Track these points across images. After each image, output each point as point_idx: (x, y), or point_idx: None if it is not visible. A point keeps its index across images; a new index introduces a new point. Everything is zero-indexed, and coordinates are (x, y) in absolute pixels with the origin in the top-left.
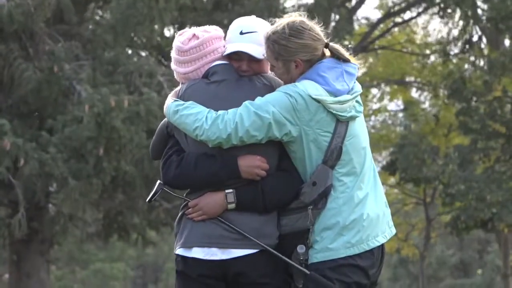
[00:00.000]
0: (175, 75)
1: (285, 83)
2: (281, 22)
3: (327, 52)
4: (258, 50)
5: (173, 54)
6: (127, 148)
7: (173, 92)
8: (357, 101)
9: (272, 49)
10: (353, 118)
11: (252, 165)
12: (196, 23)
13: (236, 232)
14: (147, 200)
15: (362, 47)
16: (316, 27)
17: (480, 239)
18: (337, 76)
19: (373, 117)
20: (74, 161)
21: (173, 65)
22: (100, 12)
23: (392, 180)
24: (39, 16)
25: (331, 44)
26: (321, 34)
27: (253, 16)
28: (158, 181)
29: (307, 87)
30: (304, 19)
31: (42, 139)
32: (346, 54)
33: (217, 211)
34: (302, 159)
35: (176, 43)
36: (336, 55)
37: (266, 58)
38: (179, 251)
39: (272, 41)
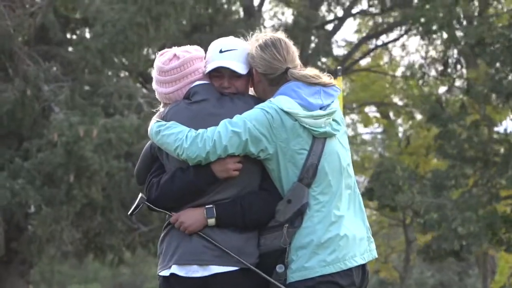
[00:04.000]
0: (156, 94)
1: (258, 94)
2: (264, 33)
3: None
4: (238, 65)
5: (154, 73)
6: (97, 176)
7: (157, 114)
8: (335, 120)
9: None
10: (327, 134)
11: (224, 163)
12: (176, 44)
13: (217, 249)
14: (128, 213)
15: (342, 70)
16: (283, 49)
17: (460, 262)
18: (313, 93)
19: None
20: (47, 187)
21: (154, 85)
22: (77, 33)
23: (371, 203)
24: (19, 37)
25: (291, 70)
26: (287, 56)
27: (232, 37)
28: (140, 194)
29: (280, 101)
30: (281, 37)
31: (15, 165)
32: (314, 80)
33: (197, 226)
34: (279, 177)
35: (157, 63)
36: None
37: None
38: (162, 271)
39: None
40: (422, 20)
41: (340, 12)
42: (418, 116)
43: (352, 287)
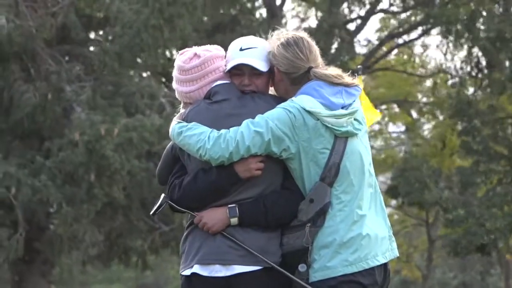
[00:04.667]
0: (176, 94)
1: (279, 93)
2: (285, 31)
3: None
4: (259, 63)
5: (174, 73)
6: (118, 175)
7: (178, 115)
8: (356, 119)
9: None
10: (349, 133)
11: (247, 163)
12: (197, 44)
13: (241, 248)
14: (151, 213)
15: (364, 68)
16: (306, 49)
17: (483, 262)
18: (335, 92)
19: (372, 140)
20: (68, 186)
21: (174, 84)
22: (100, 33)
23: (394, 201)
24: (40, 37)
25: (314, 69)
26: (309, 55)
27: (252, 36)
28: (163, 195)
29: (302, 100)
30: (304, 36)
31: (36, 164)
32: (336, 80)
33: (220, 226)
34: (301, 176)
35: (177, 62)
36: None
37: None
38: (184, 271)
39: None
40: (444, 19)
41: (361, 11)
42: (441, 117)
43: (374, 286)
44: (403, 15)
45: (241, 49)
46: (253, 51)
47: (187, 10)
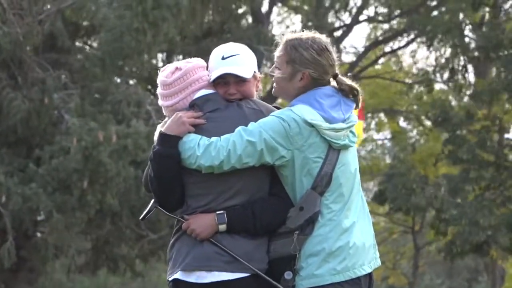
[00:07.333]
0: (163, 111)
1: (281, 88)
2: (307, 34)
3: (333, 82)
4: (243, 70)
5: (158, 90)
6: (113, 182)
7: (162, 123)
8: (351, 131)
9: (288, 52)
10: (346, 147)
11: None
12: (184, 51)
13: (227, 255)
14: (140, 218)
15: (351, 77)
16: (334, 55)
17: (470, 268)
18: (334, 104)
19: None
20: (59, 193)
21: (160, 101)
22: (88, 42)
23: (381, 209)
24: (28, 45)
25: (340, 76)
26: (336, 63)
27: (231, 42)
28: (153, 200)
29: (303, 111)
30: (327, 39)
31: (29, 171)
32: (353, 88)
33: (209, 232)
34: (292, 184)
35: (160, 78)
36: (341, 88)
37: (277, 59)
38: (171, 277)
39: (291, 45)
40: (429, 27)
41: (347, 19)
42: (428, 123)
43: None
44: (388, 25)
45: (223, 58)
46: (235, 58)
47: (171, 13)
